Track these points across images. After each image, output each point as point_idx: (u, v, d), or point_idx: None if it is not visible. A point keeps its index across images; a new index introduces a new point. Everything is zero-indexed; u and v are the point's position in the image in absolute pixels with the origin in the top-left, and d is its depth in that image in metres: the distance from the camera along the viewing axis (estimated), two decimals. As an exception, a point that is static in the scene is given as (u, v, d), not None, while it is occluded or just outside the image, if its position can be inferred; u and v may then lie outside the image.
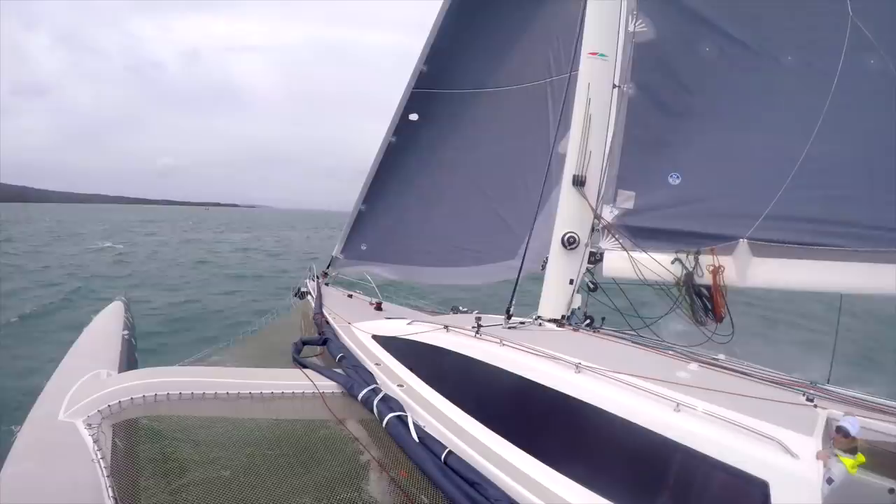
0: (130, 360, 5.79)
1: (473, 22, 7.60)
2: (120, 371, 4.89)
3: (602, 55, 5.13)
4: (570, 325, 5.14)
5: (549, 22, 7.06)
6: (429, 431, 3.85)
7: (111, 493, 2.89)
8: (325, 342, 5.84)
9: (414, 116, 8.20)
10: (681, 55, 5.07)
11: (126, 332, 6.45)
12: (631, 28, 5.03)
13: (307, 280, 8.89)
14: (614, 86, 5.13)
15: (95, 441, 3.35)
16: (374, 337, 5.58)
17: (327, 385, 4.60)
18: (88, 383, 4.23)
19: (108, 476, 3.03)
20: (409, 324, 5.33)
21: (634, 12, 5.02)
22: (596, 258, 5.22)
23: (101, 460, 3.15)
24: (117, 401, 3.82)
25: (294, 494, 3.33)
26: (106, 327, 6.60)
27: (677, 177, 5.07)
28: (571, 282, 5.24)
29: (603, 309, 5.40)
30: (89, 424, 3.56)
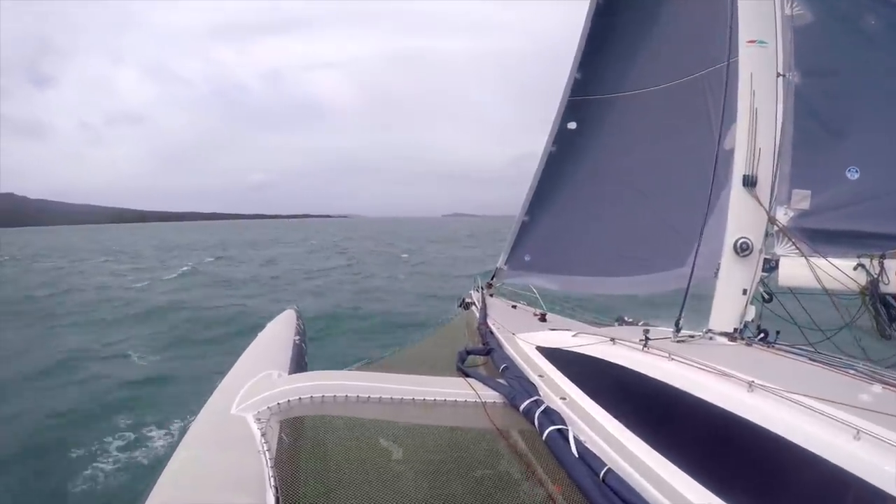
0: (300, 363, 6.10)
1: (620, 22, 7.38)
2: (290, 373, 5.22)
3: (761, 42, 4.63)
4: (742, 338, 4.70)
5: (697, 11, 6.53)
6: (589, 447, 3.78)
7: (273, 483, 3.06)
8: (489, 352, 5.98)
9: (572, 125, 8.17)
10: (845, 33, 4.43)
11: (297, 337, 6.87)
12: (788, 12, 4.48)
13: (472, 291, 9.18)
14: (778, 74, 4.59)
15: (263, 434, 3.56)
16: (539, 348, 5.60)
17: (490, 395, 4.68)
18: (261, 382, 4.54)
19: (271, 467, 3.21)
20: (574, 335, 5.28)
21: None
22: (770, 265, 4.70)
23: (266, 452, 3.35)
24: (286, 399, 4.08)
25: (449, 501, 3.42)
26: (279, 333, 7.10)
27: (856, 171, 4.38)
28: (745, 292, 4.79)
29: (777, 320, 4.82)
30: (258, 419, 3.80)
